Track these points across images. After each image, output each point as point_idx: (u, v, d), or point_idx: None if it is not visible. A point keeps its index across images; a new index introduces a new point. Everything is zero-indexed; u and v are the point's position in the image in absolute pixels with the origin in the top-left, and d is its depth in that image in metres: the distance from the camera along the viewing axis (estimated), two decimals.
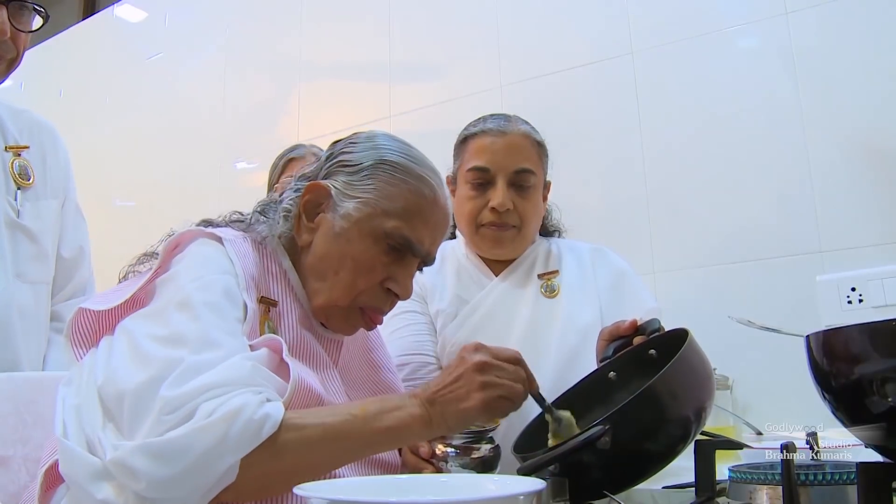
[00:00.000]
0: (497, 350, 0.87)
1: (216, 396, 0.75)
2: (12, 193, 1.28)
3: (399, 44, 2.51)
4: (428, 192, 0.99)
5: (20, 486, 1.01)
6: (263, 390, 0.79)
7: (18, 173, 1.30)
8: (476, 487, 0.70)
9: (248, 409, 0.75)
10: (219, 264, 0.91)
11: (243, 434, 0.74)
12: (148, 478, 0.72)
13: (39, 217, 1.32)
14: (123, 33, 3.39)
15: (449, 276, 1.43)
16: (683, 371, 0.88)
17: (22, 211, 1.29)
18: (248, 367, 0.80)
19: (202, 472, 0.73)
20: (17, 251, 1.27)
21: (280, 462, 0.77)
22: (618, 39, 2.06)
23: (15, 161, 1.31)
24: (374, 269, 0.97)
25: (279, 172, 1.98)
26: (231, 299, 0.88)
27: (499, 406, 0.85)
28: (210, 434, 0.73)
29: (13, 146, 1.32)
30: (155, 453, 0.73)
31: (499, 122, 1.40)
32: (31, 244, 1.30)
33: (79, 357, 0.93)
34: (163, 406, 0.74)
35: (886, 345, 0.68)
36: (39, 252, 1.32)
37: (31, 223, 1.30)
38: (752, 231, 1.81)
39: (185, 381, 0.76)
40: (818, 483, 0.75)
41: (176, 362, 0.77)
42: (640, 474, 0.88)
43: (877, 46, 1.72)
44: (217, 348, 0.80)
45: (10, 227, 1.26)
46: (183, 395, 0.75)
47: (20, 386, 1.08)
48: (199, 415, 0.74)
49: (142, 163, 3.07)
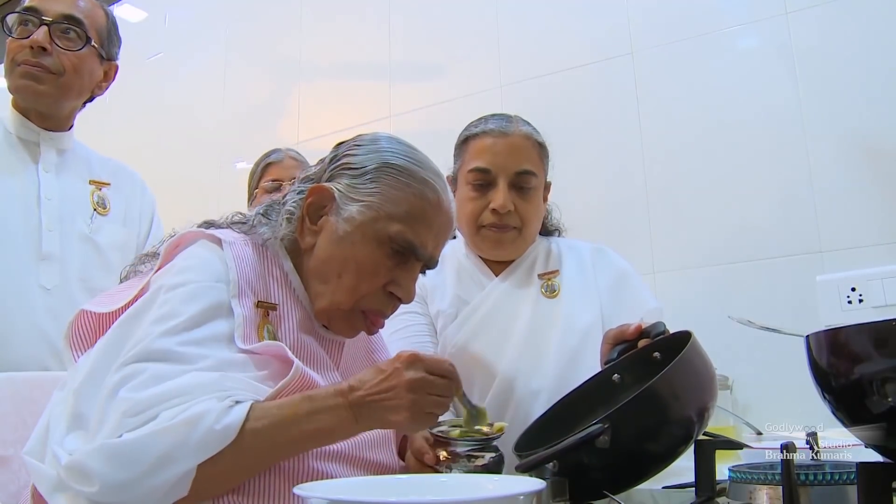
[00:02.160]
0: (431, 363, 0.85)
1: (179, 403, 0.75)
2: (90, 215, 1.50)
3: (399, 44, 2.51)
4: (432, 195, 0.99)
5: (20, 485, 1.01)
6: (232, 393, 0.79)
7: (97, 202, 1.53)
8: (476, 487, 0.70)
9: (210, 414, 0.75)
10: (211, 270, 0.91)
11: (202, 441, 0.74)
12: (102, 480, 0.72)
13: (109, 236, 1.51)
14: (123, 33, 3.37)
15: (449, 277, 1.43)
16: (685, 372, 0.87)
17: (94, 228, 1.49)
18: (215, 377, 0.80)
19: (156, 475, 0.73)
20: (85, 259, 1.46)
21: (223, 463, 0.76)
22: (618, 39, 2.06)
23: (96, 192, 1.53)
24: (377, 272, 0.97)
25: (258, 177, 2.00)
26: (217, 311, 0.88)
27: (424, 421, 0.85)
28: (167, 438, 0.73)
29: (96, 181, 1.55)
30: (111, 454, 0.72)
31: (500, 123, 1.40)
32: (98, 256, 1.48)
33: (76, 358, 0.93)
34: (123, 407, 0.75)
35: (886, 345, 0.68)
36: (104, 263, 1.48)
37: (102, 239, 1.50)
38: (752, 231, 1.81)
39: (149, 385, 0.76)
40: (818, 483, 0.75)
41: (141, 369, 0.78)
42: (640, 475, 0.87)
43: (877, 46, 1.72)
44: (193, 360, 0.81)
45: (80, 238, 1.46)
46: (146, 400, 0.75)
47: (20, 386, 1.09)
48: (160, 420, 0.74)
49: (142, 163, 3.05)
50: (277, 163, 1.98)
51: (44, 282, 1.39)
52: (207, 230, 0.98)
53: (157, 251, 0.98)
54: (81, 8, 1.48)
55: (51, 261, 1.40)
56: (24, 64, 1.41)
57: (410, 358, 0.84)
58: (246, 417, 0.77)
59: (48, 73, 1.42)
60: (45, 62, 1.41)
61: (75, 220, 1.46)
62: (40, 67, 1.41)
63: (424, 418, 0.84)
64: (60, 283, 1.40)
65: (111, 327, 0.89)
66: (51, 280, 1.40)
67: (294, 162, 1.99)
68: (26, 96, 1.44)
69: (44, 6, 1.43)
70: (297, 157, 2.03)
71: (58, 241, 1.42)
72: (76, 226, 1.46)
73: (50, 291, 1.39)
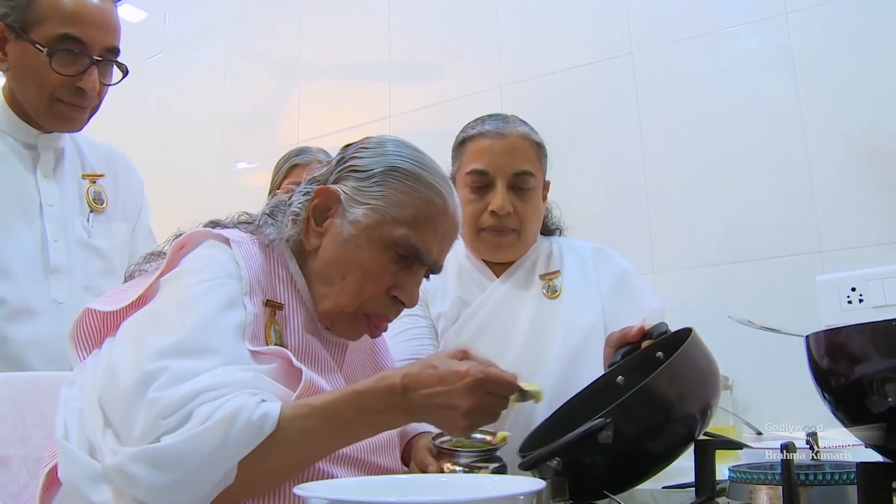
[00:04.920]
0: (496, 378, 0.82)
1: (212, 399, 0.75)
2: (86, 216, 1.43)
3: (399, 44, 2.51)
4: (438, 200, 0.99)
5: (20, 485, 1.01)
6: (259, 392, 0.79)
7: (93, 198, 1.45)
8: (476, 487, 0.70)
9: (245, 410, 0.75)
10: (224, 267, 0.91)
11: (242, 436, 0.74)
12: (147, 485, 0.72)
13: (109, 237, 1.45)
14: (123, 33, 3.38)
15: (450, 278, 1.42)
16: (686, 366, 0.87)
17: (93, 231, 1.43)
18: (248, 375, 0.80)
19: (202, 476, 0.73)
20: (87, 267, 1.40)
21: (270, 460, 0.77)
22: (618, 39, 2.06)
23: (90, 188, 1.45)
24: (381, 276, 0.97)
25: (283, 176, 1.94)
26: (233, 306, 0.87)
27: (475, 426, 0.84)
28: (209, 439, 0.73)
29: (90, 174, 1.47)
30: (154, 461, 0.72)
31: (497, 124, 1.39)
32: (100, 260, 1.43)
33: (81, 358, 0.93)
34: (156, 409, 0.74)
35: (886, 345, 0.68)
36: (107, 268, 1.43)
37: (101, 242, 1.43)
38: (752, 231, 1.81)
39: (177, 382, 0.76)
40: (818, 483, 0.75)
41: (168, 366, 0.77)
42: (641, 473, 0.88)
43: (877, 46, 1.72)
44: (214, 355, 0.80)
45: (81, 246, 1.40)
46: (179, 399, 0.74)
47: (20, 386, 1.09)
48: (196, 419, 0.74)
49: (142, 163, 3.05)
50: (304, 165, 1.90)
51: (55, 295, 1.34)
52: (214, 230, 0.98)
53: (163, 250, 0.98)
54: (116, 29, 1.36)
55: (60, 273, 1.35)
56: (68, 104, 1.32)
57: (475, 383, 0.80)
58: (281, 411, 0.77)
59: (88, 107, 1.36)
60: (89, 102, 1.35)
61: (74, 225, 1.40)
62: (84, 108, 1.35)
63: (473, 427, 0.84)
64: (70, 295, 1.35)
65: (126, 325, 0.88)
66: (61, 293, 1.35)
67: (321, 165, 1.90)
68: (58, 129, 1.38)
69: (88, 36, 1.29)
70: (326, 160, 1.94)
71: (64, 252, 1.36)
72: (76, 231, 1.40)
73: (62, 305, 1.34)
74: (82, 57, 1.30)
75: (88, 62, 1.30)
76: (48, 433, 0.94)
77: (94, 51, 1.31)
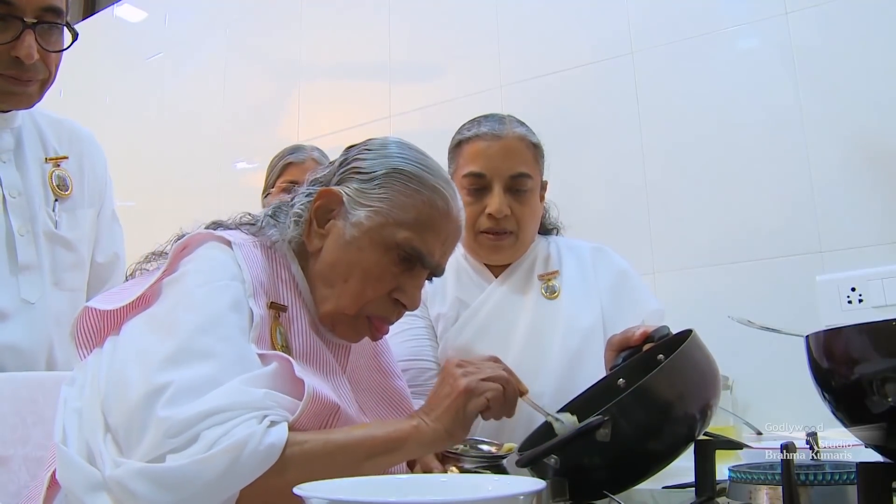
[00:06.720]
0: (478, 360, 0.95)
1: (220, 423, 0.75)
2: (51, 205, 1.30)
3: (399, 44, 2.51)
4: (441, 203, 0.98)
5: (20, 485, 1.01)
6: (269, 413, 0.79)
7: (57, 184, 1.32)
8: (476, 487, 0.70)
9: (253, 439, 0.75)
10: (227, 270, 0.91)
11: (247, 465, 0.74)
12: (147, 501, 0.72)
13: (76, 226, 1.34)
14: (123, 33, 3.39)
15: (448, 279, 1.42)
16: (686, 366, 0.87)
17: (59, 221, 1.31)
18: (259, 394, 0.79)
19: (203, 500, 0.73)
20: (56, 260, 1.29)
21: (280, 479, 0.77)
22: (618, 39, 2.06)
23: (54, 172, 1.32)
24: (383, 278, 0.97)
25: (277, 175, 1.93)
26: (237, 308, 0.87)
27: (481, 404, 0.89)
28: (214, 465, 0.73)
29: (53, 157, 1.33)
30: (157, 479, 0.72)
31: (493, 126, 1.38)
32: (69, 253, 1.32)
33: (82, 357, 0.92)
34: (163, 427, 0.74)
35: (886, 345, 0.68)
36: (77, 260, 1.33)
37: (69, 233, 1.32)
38: (752, 231, 1.81)
39: (186, 400, 0.76)
40: (818, 483, 0.75)
41: (174, 378, 0.77)
42: (641, 473, 0.87)
43: (877, 46, 1.72)
44: (221, 358, 0.81)
45: (48, 238, 1.28)
46: (186, 419, 0.74)
47: (20, 386, 1.08)
48: (203, 443, 0.74)
49: (142, 163, 3.06)
50: (298, 164, 1.89)
51: (25, 295, 1.22)
52: (216, 231, 0.97)
53: (164, 250, 0.98)
54: None
55: (29, 270, 1.23)
56: (7, 77, 1.17)
57: (453, 367, 0.92)
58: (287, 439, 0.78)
59: (34, 79, 1.21)
60: (32, 73, 1.19)
61: (41, 215, 1.27)
62: (27, 80, 1.20)
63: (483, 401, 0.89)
64: (41, 294, 1.25)
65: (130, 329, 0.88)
66: (32, 293, 1.23)
67: (316, 165, 1.85)
68: (6, 105, 1.23)
69: None
70: (321, 158, 1.91)
71: (33, 247, 1.24)
72: (43, 223, 1.27)
73: (34, 306, 1.23)
74: (12, 20, 1.13)
75: (22, 26, 1.14)
76: (48, 433, 0.94)
77: (26, 13, 1.14)
